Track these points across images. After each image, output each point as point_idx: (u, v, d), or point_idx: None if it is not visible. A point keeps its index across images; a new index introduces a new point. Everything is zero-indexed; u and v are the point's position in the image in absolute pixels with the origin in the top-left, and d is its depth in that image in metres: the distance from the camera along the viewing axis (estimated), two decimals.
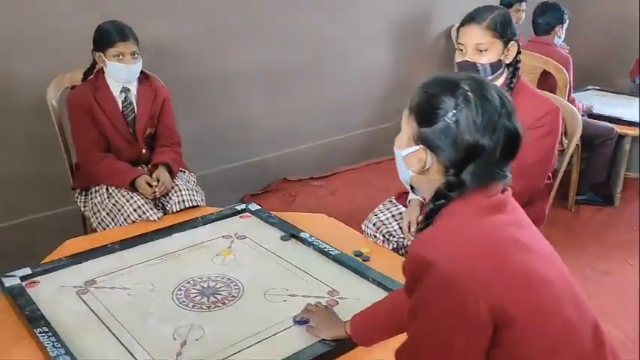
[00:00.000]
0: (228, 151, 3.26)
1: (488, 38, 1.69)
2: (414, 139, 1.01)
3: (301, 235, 1.82)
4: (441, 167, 1.00)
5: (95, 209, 2.07)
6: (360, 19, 3.69)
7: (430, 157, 1.00)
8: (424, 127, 0.99)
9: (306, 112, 3.58)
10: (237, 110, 3.24)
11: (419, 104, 1.01)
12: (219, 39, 3.04)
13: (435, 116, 0.97)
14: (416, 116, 1.01)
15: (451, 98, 0.97)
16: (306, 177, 3.61)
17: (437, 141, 0.98)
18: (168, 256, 1.73)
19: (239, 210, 2.02)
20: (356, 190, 3.55)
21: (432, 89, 1.00)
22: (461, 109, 0.96)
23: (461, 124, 0.95)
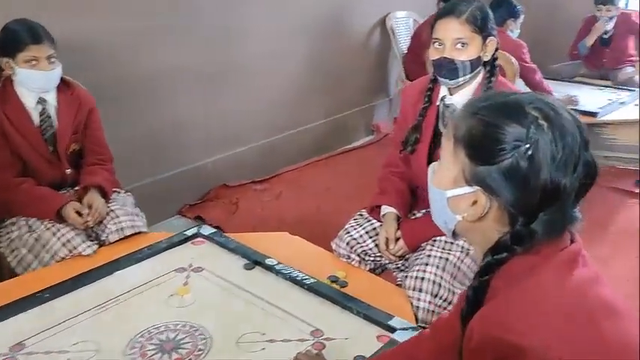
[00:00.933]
0: (162, 160, 2.94)
1: (468, 33, 1.53)
2: (467, 179, 0.82)
3: (267, 262, 1.60)
4: (503, 214, 0.81)
5: (13, 246, 1.74)
6: (288, 13, 3.46)
7: (488, 201, 0.81)
8: (482, 165, 0.79)
9: (242, 113, 3.31)
10: (169, 115, 2.92)
11: (473, 135, 0.81)
12: (145, 38, 2.71)
13: (499, 152, 0.78)
14: (468, 150, 0.81)
15: (519, 128, 0.78)
16: (247, 181, 3.36)
17: (501, 183, 0.79)
18: (112, 302, 1.45)
19: (190, 235, 1.76)
20: (301, 191, 3.35)
21: (491, 116, 0.81)
22: (534, 142, 0.77)
23: (535, 162, 0.77)
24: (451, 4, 1.56)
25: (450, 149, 0.85)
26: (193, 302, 1.45)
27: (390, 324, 1.33)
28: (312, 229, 2.73)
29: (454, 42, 1.53)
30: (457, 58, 1.54)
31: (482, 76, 1.61)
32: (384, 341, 1.29)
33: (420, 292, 1.49)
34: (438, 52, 1.57)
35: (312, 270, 1.57)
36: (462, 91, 1.61)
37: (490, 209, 0.81)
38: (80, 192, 1.82)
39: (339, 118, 4.06)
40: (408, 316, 1.40)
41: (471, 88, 1.61)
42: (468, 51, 1.54)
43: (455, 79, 1.57)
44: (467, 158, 0.81)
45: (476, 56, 1.55)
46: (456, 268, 1.53)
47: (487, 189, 0.80)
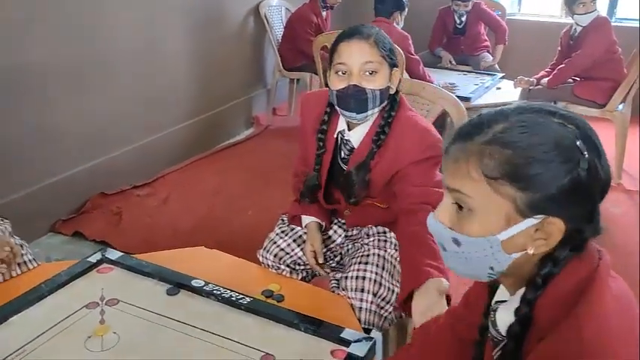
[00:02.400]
0: (25, 173, 2.58)
1: (377, 57, 1.38)
2: (523, 212, 0.76)
3: (194, 284, 1.45)
4: (567, 231, 0.78)
5: None
6: (157, 4, 3.22)
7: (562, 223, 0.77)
8: (540, 192, 0.74)
9: (116, 113, 3.03)
10: (32, 120, 2.57)
11: (517, 165, 0.74)
12: None
13: (559, 172, 0.74)
14: (518, 183, 0.74)
15: (564, 141, 0.75)
16: (128, 187, 3.08)
17: (566, 201, 0.75)
18: (16, 356, 1.21)
19: (94, 262, 1.54)
20: (188, 193, 3.16)
21: (529, 139, 0.75)
22: (583, 163, 0.75)
23: (592, 167, 0.75)
24: (354, 28, 1.41)
25: (480, 191, 0.76)
26: (117, 342, 1.27)
27: (342, 337, 1.27)
28: (215, 236, 2.59)
29: (362, 68, 1.37)
30: (367, 86, 1.38)
31: (380, 108, 1.47)
32: (340, 357, 1.23)
33: (362, 293, 1.44)
34: (343, 81, 1.39)
35: (242, 286, 1.45)
36: (359, 127, 1.49)
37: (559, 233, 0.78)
38: None
39: (218, 112, 3.90)
40: (354, 325, 1.36)
41: (368, 124, 1.49)
42: (378, 79, 1.39)
43: (363, 113, 1.42)
44: (518, 192, 0.75)
45: (385, 86, 1.42)
46: (392, 266, 1.51)
47: (555, 212, 0.76)
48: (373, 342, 1.26)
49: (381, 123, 1.48)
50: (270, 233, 1.67)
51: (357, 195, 1.51)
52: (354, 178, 1.49)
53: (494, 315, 0.84)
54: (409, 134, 1.47)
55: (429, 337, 1.09)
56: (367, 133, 1.51)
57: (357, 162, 1.50)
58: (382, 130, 1.48)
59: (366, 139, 1.51)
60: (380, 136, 1.48)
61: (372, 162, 1.49)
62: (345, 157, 1.56)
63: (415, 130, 1.48)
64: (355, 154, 1.52)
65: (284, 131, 4.12)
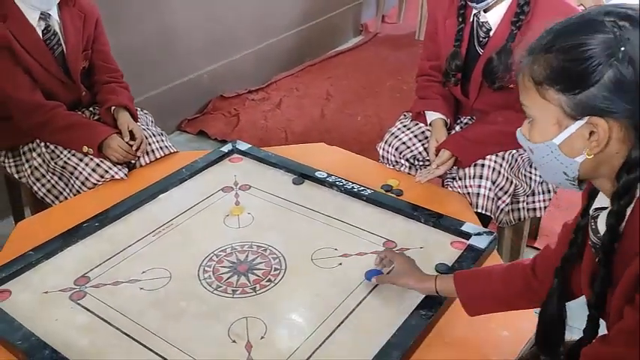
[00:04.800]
0: (155, 75, 2.75)
1: None
2: (571, 115, 0.75)
3: (317, 175, 1.54)
4: (627, 131, 0.74)
5: (37, 174, 1.61)
6: None
7: (606, 124, 0.74)
8: (583, 92, 0.73)
9: (233, 18, 3.10)
10: (157, 23, 2.69)
11: (558, 68, 0.75)
12: None
13: (596, 69, 0.71)
14: (560, 85, 0.75)
15: (604, 36, 0.72)
16: (244, 91, 3.20)
17: (611, 99, 0.72)
18: (166, 227, 1.38)
19: (226, 152, 1.67)
20: (300, 98, 3.23)
21: (568, 40, 0.74)
22: (626, 42, 0.70)
23: (637, 62, 0.70)
24: None
25: (533, 99, 0.78)
26: (252, 222, 1.40)
27: (462, 229, 1.31)
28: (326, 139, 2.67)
29: None
30: None
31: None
32: (459, 248, 1.28)
33: (480, 179, 1.47)
34: None
35: (362, 180, 1.52)
36: (496, 8, 1.48)
37: (611, 132, 0.74)
38: (103, 113, 1.67)
39: (327, 19, 3.86)
40: (472, 220, 1.39)
41: (505, 3, 1.47)
42: None
43: (483, 2, 1.44)
44: (561, 94, 0.75)
45: None
46: (513, 160, 1.51)
47: (599, 112, 0.73)
48: (494, 236, 1.29)
49: (519, 2, 1.45)
50: (390, 128, 1.70)
51: (499, 80, 1.50)
52: (496, 63, 1.48)
53: (595, 222, 0.83)
54: (552, 14, 1.42)
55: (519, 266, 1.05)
56: (505, 15, 1.48)
57: (497, 45, 1.48)
58: (521, 10, 1.45)
59: (504, 21, 1.48)
60: (520, 17, 1.45)
61: (513, 44, 1.46)
62: (482, 40, 1.54)
63: (559, 9, 1.43)
64: (494, 37, 1.51)
65: (393, 39, 4.02)
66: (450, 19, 1.56)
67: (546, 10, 1.43)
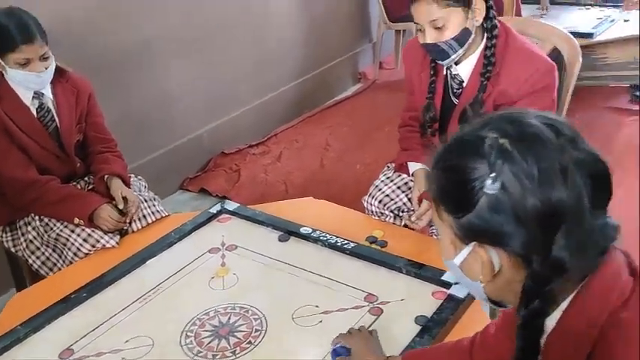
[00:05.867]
0: (155, 136, 2.84)
1: (442, 11, 1.39)
2: (460, 238, 0.71)
3: (302, 231, 1.55)
4: (516, 258, 0.68)
5: (32, 247, 1.66)
6: None
7: (494, 252, 0.69)
8: (464, 216, 0.68)
9: (229, 77, 3.21)
10: (156, 89, 2.80)
11: (442, 188, 0.72)
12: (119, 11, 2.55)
13: (471, 194, 0.67)
14: (445, 205, 0.71)
15: (479, 159, 0.67)
16: (244, 146, 3.28)
17: (489, 227, 0.67)
18: (152, 293, 1.40)
19: (215, 213, 1.70)
20: (300, 150, 3.29)
21: (449, 159, 0.71)
22: (501, 168, 0.65)
23: (511, 189, 0.65)
24: None
25: (434, 214, 0.75)
26: (236, 282, 1.41)
27: (443, 279, 1.31)
28: (325, 190, 2.71)
29: (431, 25, 1.41)
30: (439, 40, 1.42)
31: (483, 43, 1.49)
32: (440, 298, 1.27)
33: None
34: (422, 37, 1.46)
35: (347, 233, 1.53)
36: (466, 61, 1.51)
37: (502, 259, 0.69)
38: (97, 182, 1.73)
39: (325, 69, 3.96)
40: None
41: (475, 55, 1.50)
42: (448, 30, 1.41)
43: (447, 59, 1.47)
44: (449, 215, 0.71)
45: (459, 30, 1.42)
46: None
47: (481, 239, 0.69)
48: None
49: (486, 54, 1.48)
50: (375, 180, 1.73)
51: None
52: (469, 114, 1.50)
53: None
54: (520, 63, 1.47)
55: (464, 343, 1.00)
56: (475, 66, 1.51)
57: (470, 97, 1.51)
58: (489, 62, 1.48)
59: (474, 73, 1.52)
60: (487, 68, 1.48)
61: (485, 95, 1.49)
62: (455, 91, 1.58)
63: (526, 58, 1.47)
64: (466, 88, 1.54)
65: (391, 84, 4.09)
66: (424, 72, 1.60)
67: (513, 60, 1.46)
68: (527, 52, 1.47)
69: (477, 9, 1.43)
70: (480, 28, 1.47)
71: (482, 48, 1.49)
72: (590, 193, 0.66)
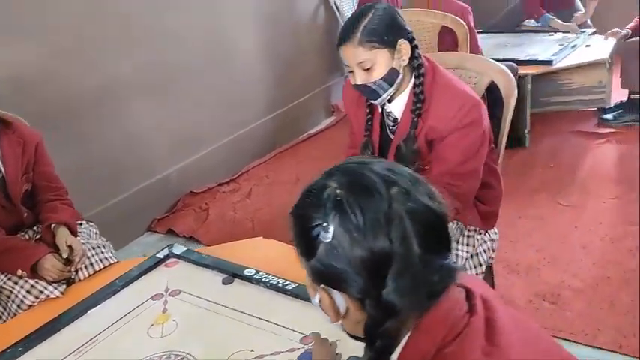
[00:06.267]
0: (122, 178, 2.85)
1: (368, 53, 1.42)
2: (313, 280, 0.78)
3: (245, 273, 1.55)
4: (356, 301, 0.74)
5: None
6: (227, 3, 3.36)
7: (338, 295, 0.75)
8: (310, 260, 0.75)
9: (199, 115, 3.24)
10: (121, 132, 2.82)
11: (294, 233, 0.78)
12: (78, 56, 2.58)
13: (312, 241, 0.73)
14: (298, 250, 0.78)
15: (317, 208, 0.73)
16: (214, 184, 3.28)
17: (327, 272, 0.73)
18: (91, 343, 1.38)
19: (162, 257, 1.70)
20: (271, 186, 3.30)
21: (297, 206, 0.78)
22: (333, 218, 0.72)
23: (341, 238, 0.71)
24: (344, 27, 1.46)
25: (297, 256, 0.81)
26: (175, 329, 1.40)
27: None
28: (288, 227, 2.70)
29: (359, 67, 1.45)
30: (368, 80, 1.46)
31: (412, 81, 1.53)
32: None
33: None
34: (352, 79, 1.49)
35: (292, 273, 1.52)
36: (398, 98, 1.55)
37: (347, 301, 0.75)
38: (44, 232, 1.73)
39: (298, 103, 4.00)
40: None
41: (406, 92, 1.54)
42: (376, 70, 1.44)
43: (379, 99, 1.51)
44: (303, 258, 0.77)
45: (387, 70, 1.45)
46: None
47: (326, 283, 0.75)
48: None
49: (415, 92, 1.51)
50: None
51: (410, 165, 1.54)
52: (404, 150, 1.53)
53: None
54: (447, 100, 1.50)
55: None
56: (407, 104, 1.54)
57: (404, 133, 1.54)
58: (418, 99, 1.51)
59: (406, 110, 1.55)
60: (417, 105, 1.51)
61: (417, 131, 1.52)
62: (391, 127, 1.61)
63: (452, 95, 1.50)
64: (400, 125, 1.57)
65: None
66: (361, 110, 1.63)
67: (440, 97, 1.49)
68: (453, 88, 1.50)
69: (403, 49, 1.47)
70: (408, 67, 1.50)
71: (412, 86, 1.51)
72: (422, 240, 0.70)
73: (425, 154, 1.55)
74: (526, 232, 2.52)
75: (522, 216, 2.65)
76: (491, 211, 1.66)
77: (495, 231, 1.71)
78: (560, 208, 2.68)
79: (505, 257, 2.33)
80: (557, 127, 3.54)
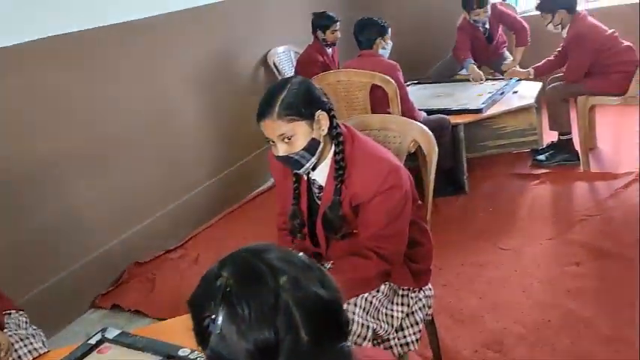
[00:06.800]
0: (63, 254, 2.77)
1: (287, 126, 1.46)
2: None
3: (180, 354, 1.52)
4: None
5: None
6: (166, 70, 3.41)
7: None
8: (205, 348, 0.76)
9: (141, 184, 3.21)
10: (60, 206, 2.76)
11: (192, 320, 0.79)
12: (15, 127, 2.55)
13: (205, 331, 0.75)
14: (195, 339, 0.79)
15: (211, 299, 0.75)
16: (161, 252, 3.23)
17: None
18: None
19: (95, 344, 1.64)
20: (219, 249, 3.21)
21: (193, 297, 0.79)
22: (222, 309, 0.73)
23: (228, 330, 0.73)
24: (262, 102, 1.50)
25: None
26: None
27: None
28: None
29: (280, 138, 1.49)
30: (290, 152, 1.50)
31: (332, 150, 1.57)
32: None
33: None
34: (275, 150, 1.53)
35: None
36: (321, 167, 1.59)
37: None
38: None
39: (242, 164, 4.02)
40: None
41: (328, 160, 1.58)
42: (296, 141, 1.48)
43: (302, 168, 1.54)
44: (199, 346, 0.79)
45: (307, 141, 1.49)
46: (367, 303, 1.54)
47: None
48: None
49: (336, 159, 1.56)
50: None
51: (338, 231, 1.57)
52: (330, 217, 1.56)
53: None
54: (366, 166, 1.56)
55: None
56: (329, 171, 1.59)
57: (329, 200, 1.57)
58: (339, 166, 1.55)
59: (330, 177, 1.59)
60: (339, 172, 1.55)
61: (341, 197, 1.55)
62: (318, 195, 1.64)
63: (371, 161, 1.55)
64: (325, 192, 1.60)
65: None
66: (288, 179, 1.66)
67: (360, 163, 1.55)
68: (371, 155, 1.56)
69: (321, 119, 1.52)
70: (328, 136, 1.55)
71: (331, 158, 1.56)
72: (311, 328, 0.72)
73: (352, 218, 1.58)
74: (469, 279, 2.57)
75: (465, 263, 2.70)
76: (422, 268, 1.69)
77: (430, 287, 1.74)
78: (500, 252, 2.75)
79: (449, 306, 2.36)
80: (495, 170, 3.67)
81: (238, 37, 3.98)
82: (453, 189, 3.43)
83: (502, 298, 2.40)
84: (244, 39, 4.03)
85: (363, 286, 1.54)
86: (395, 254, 1.55)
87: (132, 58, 3.15)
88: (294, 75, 1.56)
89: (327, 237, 1.63)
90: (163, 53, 3.36)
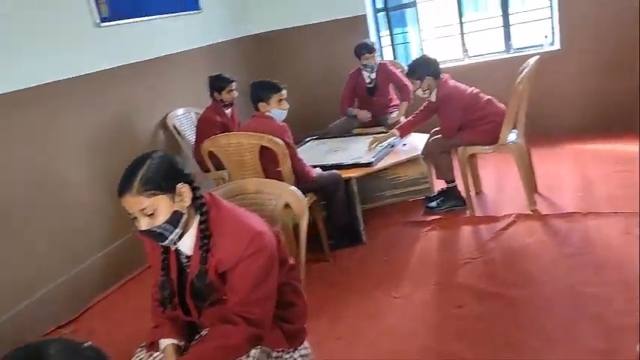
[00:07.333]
0: None
1: (148, 201, 1.49)
2: None
3: None
4: None
5: None
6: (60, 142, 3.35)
7: None
8: None
9: (30, 256, 3.08)
10: None
11: None
12: None
13: None
14: None
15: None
16: (52, 328, 3.08)
17: None
18: None
19: None
20: (115, 320, 3.16)
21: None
22: None
23: None
24: (123, 177, 1.52)
25: None
26: None
27: None
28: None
29: (141, 213, 1.50)
30: (153, 225, 1.52)
31: (197, 219, 1.60)
32: None
33: None
34: (138, 225, 1.54)
35: None
36: (185, 237, 1.61)
37: None
38: None
39: None
40: None
41: (193, 230, 1.61)
42: (158, 215, 1.51)
43: (166, 241, 1.56)
44: None
45: (169, 214, 1.52)
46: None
47: None
48: None
49: (201, 228, 1.59)
50: None
51: (207, 299, 1.59)
52: (198, 286, 1.57)
53: None
54: (230, 233, 1.59)
55: None
56: (195, 241, 1.61)
57: (196, 269, 1.59)
58: (204, 235, 1.59)
59: (196, 247, 1.61)
60: (204, 241, 1.58)
61: (207, 266, 1.58)
62: (186, 265, 1.66)
63: (234, 228, 1.59)
64: (192, 262, 1.63)
65: None
66: (157, 250, 1.67)
67: (224, 231, 1.59)
68: (235, 222, 1.60)
69: (183, 192, 1.56)
70: (192, 207, 1.59)
71: (197, 228, 1.60)
72: None
73: (220, 285, 1.60)
74: (363, 330, 2.63)
75: (359, 314, 2.77)
76: (296, 328, 1.73)
77: (306, 346, 1.78)
78: (393, 301, 2.85)
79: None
80: (391, 219, 3.83)
81: (135, 101, 3.98)
82: (350, 241, 3.54)
83: (390, 346, 2.47)
84: (142, 103, 4.04)
85: (232, 353, 1.55)
86: (264, 318, 1.59)
87: (23, 125, 3.08)
88: (155, 150, 1.58)
89: (197, 305, 1.64)
90: (54, 121, 3.31)
